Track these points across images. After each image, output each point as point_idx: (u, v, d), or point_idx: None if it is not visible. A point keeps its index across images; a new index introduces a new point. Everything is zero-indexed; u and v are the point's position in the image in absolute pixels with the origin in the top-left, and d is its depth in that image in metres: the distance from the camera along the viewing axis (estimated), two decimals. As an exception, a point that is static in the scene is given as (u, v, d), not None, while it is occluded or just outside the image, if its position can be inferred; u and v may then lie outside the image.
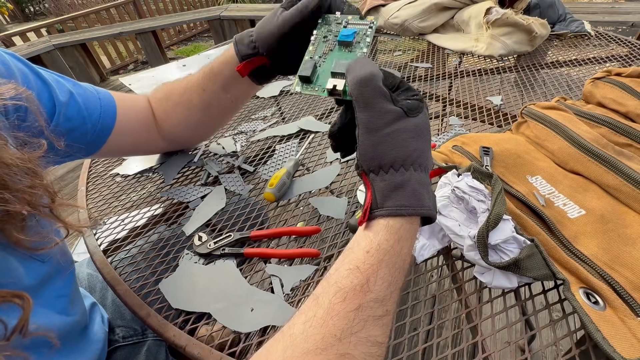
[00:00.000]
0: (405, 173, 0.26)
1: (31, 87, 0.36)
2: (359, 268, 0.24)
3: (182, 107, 0.51)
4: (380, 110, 0.26)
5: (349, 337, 0.22)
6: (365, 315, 0.23)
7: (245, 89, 0.51)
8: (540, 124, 0.50)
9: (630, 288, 0.31)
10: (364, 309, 0.23)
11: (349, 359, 0.21)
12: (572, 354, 0.30)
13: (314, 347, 0.21)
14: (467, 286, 0.37)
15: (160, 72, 0.97)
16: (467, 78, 0.81)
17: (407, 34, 1.04)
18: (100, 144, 0.46)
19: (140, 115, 0.51)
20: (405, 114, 0.26)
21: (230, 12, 2.97)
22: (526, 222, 0.38)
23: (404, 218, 0.26)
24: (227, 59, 0.46)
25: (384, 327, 0.23)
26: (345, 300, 0.23)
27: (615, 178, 0.40)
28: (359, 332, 0.22)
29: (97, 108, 0.44)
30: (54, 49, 2.86)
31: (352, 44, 0.30)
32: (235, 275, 0.41)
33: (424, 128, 0.27)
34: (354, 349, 0.21)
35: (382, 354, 0.23)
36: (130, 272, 0.43)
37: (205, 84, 0.49)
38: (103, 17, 4.04)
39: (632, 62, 0.79)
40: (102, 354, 0.44)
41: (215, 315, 0.36)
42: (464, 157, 0.48)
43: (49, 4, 7.03)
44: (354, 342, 0.22)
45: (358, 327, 0.22)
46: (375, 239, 0.25)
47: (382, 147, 0.26)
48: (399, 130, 0.26)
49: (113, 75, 3.60)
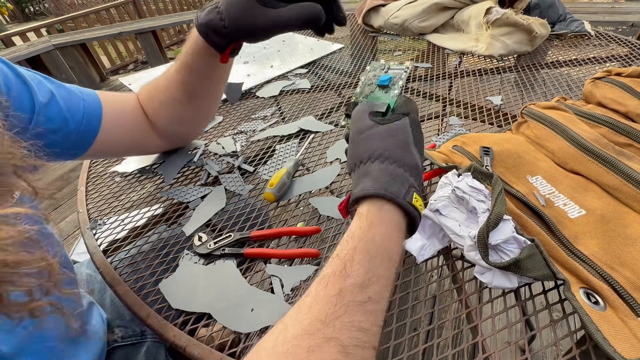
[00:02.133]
0: (371, 165, 0.30)
1: (11, 86, 0.36)
2: (338, 255, 0.26)
3: (168, 105, 0.51)
4: (359, 125, 0.32)
5: (334, 322, 0.22)
6: (347, 300, 0.23)
7: (227, 67, 0.53)
8: (540, 124, 0.50)
9: (631, 288, 0.31)
10: (344, 294, 0.24)
11: (336, 342, 0.22)
12: (573, 354, 0.30)
13: (302, 332, 0.22)
14: (467, 286, 0.37)
15: (160, 72, 0.96)
16: (467, 78, 0.81)
17: (407, 34, 1.04)
18: (87, 144, 0.46)
19: (131, 116, 0.51)
20: (378, 124, 0.32)
21: (230, 12, 2.97)
22: (526, 222, 0.38)
23: (371, 203, 0.28)
24: (200, 50, 0.46)
25: (368, 314, 0.24)
26: (327, 285, 0.24)
27: (615, 178, 0.40)
28: (343, 317, 0.23)
29: (80, 109, 0.44)
30: (53, 49, 2.86)
31: (388, 86, 0.38)
32: (235, 275, 0.41)
33: (397, 130, 0.31)
34: (339, 333, 0.22)
35: (369, 341, 0.23)
36: (130, 273, 0.43)
37: (184, 78, 0.49)
38: (103, 17, 4.04)
39: (632, 62, 0.79)
40: (102, 352, 0.44)
41: (215, 315, 0.36)
42: (464, 157, 0.48)
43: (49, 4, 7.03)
44: (339, 327, 0.22)
45: (341, 311, 0.23)
46: (351, 227, 0.28)
47: (357, 149, 0.31)
48: (370, 135, 0.31)
49: (113, 75, 3.60)
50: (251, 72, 0.91)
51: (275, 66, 0.94)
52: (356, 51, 1.01)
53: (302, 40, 1.11)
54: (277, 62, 0.96)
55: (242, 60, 0.99)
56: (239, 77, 0.88)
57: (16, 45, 3.06)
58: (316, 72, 0.91)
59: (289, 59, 0.98)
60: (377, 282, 0.25)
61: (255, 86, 0.85)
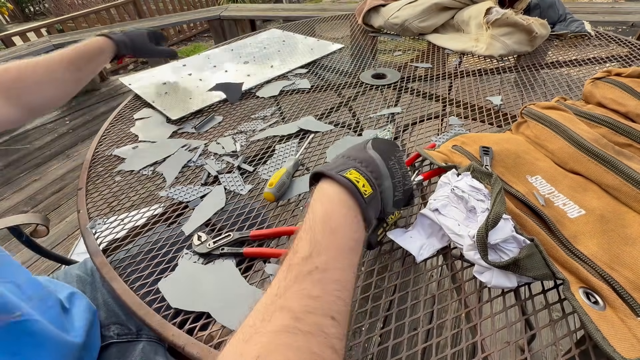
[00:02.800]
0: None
1: None
2: (293, 239, 0.29)
3: (49, 84, 0.62)
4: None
5: (285, 293, 0.25)
6: (295, 272, 0.26)
7: (106, 64, 0.76)
8: (540, 124, 0.50)
9: (630, 288, 0.31)
10: (292, 267, 0.26)
11: (288, 310, 0.24)
12: (572, 354, 0.30)
13: (262, 307, 0.25)
14: (466, 286, 0.37)
15: (160, 71, 0.97)
16: (467, 78, 0.81)
17: (407, 34, 1.04)
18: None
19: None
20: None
21: (230, 12, 2.97)
22: (526, 222, 0.38)
23: (318, 185, 0.33)
24: (103, 50, 0.72)
25: (316, 282, 0.25)
26: (282, 263, 0.27)
27: (615, 178, 0.40)
28: (292, 287, 0.25)
29: None
30: (54, 49, 2.85)
31: None
32: (235, 274, 0.41)
33: (359, 143, 0.38)
34: (291, 302, 0.24)
35: (322, 308, 0.24)
36: (130, 272, 0.43)
37: (80, 64, 0.67)
38: (103, 17, 4.04)
39: (632, 62, 0.79)
40: (89, 341, 0.45)
41: (214, 314, 0.36)
42: (464, 157, 0.48)
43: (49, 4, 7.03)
44: (289, 296, 0.24)
45: (290, 282, 0.25)
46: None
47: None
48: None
49: (113, 75, 3.60)
50: (251, 72, 0.91)
51: (275, 66, 0.94)
52: (356, 51, 1.01)
53: (302, 40, 1.11)
54: (277, 62, 0.96)
55: (242, 60, 0.99)
56: (239, 77, 0.88)
57: (16, 45, 3.06)
58: (316, 72, 0.91)
59: (289, 59, 0.98)
60: (323, 253, 0.27)
61: (255, 86, 0.85)
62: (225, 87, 0.84)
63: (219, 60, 1.01)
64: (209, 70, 0.95)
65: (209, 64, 0.99)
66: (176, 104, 0.79)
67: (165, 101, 0.81)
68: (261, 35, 1.20)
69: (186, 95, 0.83)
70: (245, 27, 3.01)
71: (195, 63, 1.01)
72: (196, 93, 0.83)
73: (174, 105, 0.79)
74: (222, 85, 0.85)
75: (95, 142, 0.70)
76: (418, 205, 0.47)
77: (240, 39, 1.19)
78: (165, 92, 0.85)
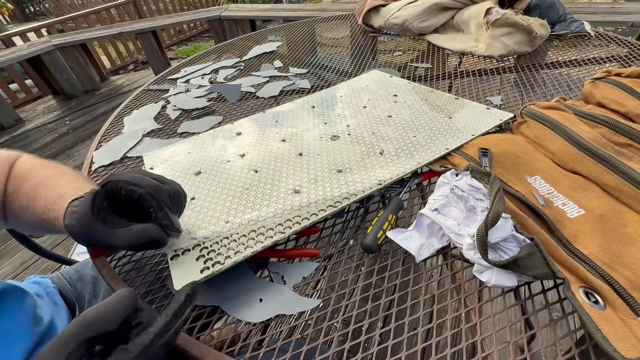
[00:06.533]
0: None
1: None
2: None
3: (19, 205, 0.43)
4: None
5: None
6: None
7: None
8: (540, 124, 0.50)
9: (630, 287, 0.31)
10: None
11: None
12: (572, 354, 0.30)
13: None
14: (466, 285, 0.37)
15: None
16: (467, 78, 0.81)
17: (407, 34, 1.04)
18: None
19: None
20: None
21: (230, 12, 2.97)
22: (526, 222, 0.38)
23: None
24: (54, 226, 0.39)
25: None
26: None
27: (615, 178, 0.40)
28: None
29: None
30: (54, 49, 2.86)
31: None
32: (244, 268, 0.40)
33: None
34: None
35: None
36: (130, 272, 0.43)
37: (44, 216, 0.40)
38: (103, 17, 4.04)
39: (632, 62, 0.79)
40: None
41: (224, 307, 0.36)
42: (462, 159, 0.48)
43: (49, 4, 7.04)
44: None
45: None
46: None
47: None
48: None
49: (113, 75, 3.60)
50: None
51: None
52: (356, 51, 1.01)
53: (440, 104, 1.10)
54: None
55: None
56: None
57: (16, 46, 3.06)
58: (316, 72, 0.91)
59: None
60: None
61: (255, 86, 0.85)
62: (224, 88, 0.84)
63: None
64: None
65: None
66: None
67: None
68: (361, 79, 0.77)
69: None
70: (245, 27, 3.02)
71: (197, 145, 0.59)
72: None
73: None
74: (220, 86, 0.85)
75: (95, 142, 0.70)
76: (418, 205, 0.47)
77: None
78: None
